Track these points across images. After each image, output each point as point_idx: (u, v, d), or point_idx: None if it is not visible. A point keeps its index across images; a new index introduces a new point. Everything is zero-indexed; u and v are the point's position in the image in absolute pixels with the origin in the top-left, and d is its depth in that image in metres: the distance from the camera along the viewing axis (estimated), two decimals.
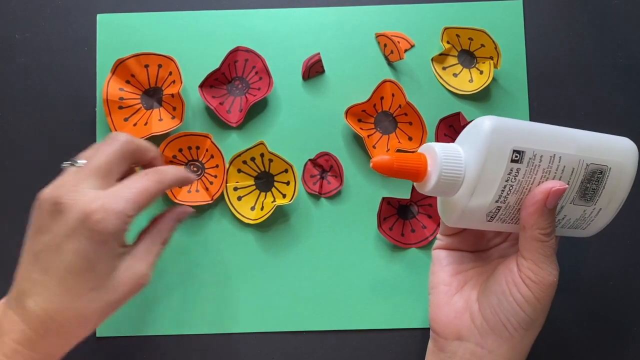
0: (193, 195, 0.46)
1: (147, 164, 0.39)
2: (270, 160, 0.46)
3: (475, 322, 0.35)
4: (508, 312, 0.33)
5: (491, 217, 0.32)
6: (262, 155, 0.46)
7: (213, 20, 0.48)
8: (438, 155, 0.31)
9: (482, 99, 0.47)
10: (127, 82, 0.46)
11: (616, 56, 0.48)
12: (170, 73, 0.46)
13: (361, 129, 0.46)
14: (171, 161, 0.46)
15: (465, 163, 0.31)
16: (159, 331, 0.45)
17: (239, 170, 0.46)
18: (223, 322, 0.45)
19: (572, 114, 0.47)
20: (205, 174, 0.46)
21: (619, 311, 0.46)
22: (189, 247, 0.46)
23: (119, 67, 0.46)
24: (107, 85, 0.46)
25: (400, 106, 0.46)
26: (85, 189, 0.33)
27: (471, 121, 0.33)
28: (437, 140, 0.47)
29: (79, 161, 0.36)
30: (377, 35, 0.48)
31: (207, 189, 0.46)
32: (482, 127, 0.31)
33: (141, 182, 0.35)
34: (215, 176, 0.46)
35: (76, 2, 0.48)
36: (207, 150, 0.46)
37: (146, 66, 0.46)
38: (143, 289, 0.36)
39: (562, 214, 0.33)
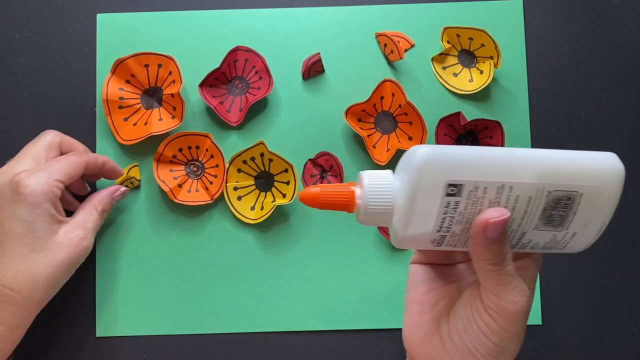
0: (193, 195, 0.46)
1: (98, 171, 0.43)
2: (270, 160, 0.46)
3: (445, 346, 0.32)
4: (474, 340, 0.31)
5: (438, 243, 0.30)
6: (262, 155, 0.46)
7: (213, 20, 0.48)
8: (364, 186, 0.29)
9: (482, 98, 0.47)
10: (127, 81, 0.46)
11: (616, 56, 0.48)
12: (170, 73, 0.46)
13: (361, 128, 0.46)
14: (171, 161, 0.46)
15: (395, 194, 0.29)
16: (159, 331, 0.45)
17: (239, 170, 0.46)
18: (223, 322, 0.45)
19: (572, 113, 0.47)
20: (205, 174, 0.46)
21: (619, 311, 0.46)
22: (189, 247, 0.46)
23: (119, 67, 0.46)
24: (107, 85, 0.46)
25: (400, 106, 0.46)
26: (15, 170, 0.39)
27: (474, 120, 0.32)
28: (437, 139, 0.47)
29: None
30: (377, 35, 0.48)
31: (207, 189, 0.46)
32: (414, 159, 0.28)
33: (67, 156, 0.41)
34: (215, 176, 0.46)
35: (76, 2, 0.48)
36: (207, 150, 0.46)
37: (146, 66, 0.46)
38: (85, 252, 0.40)
39: (526, 238, 0.30)
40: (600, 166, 0.29)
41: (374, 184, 0.29)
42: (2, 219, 0.37)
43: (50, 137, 0.42)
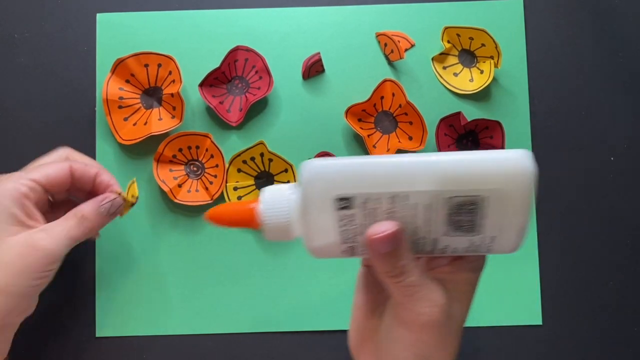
0: (193, 195, 0.45)
1: (91, 184, 0.40)
2: (270, 160, 0.46)
3: (378, 354, 0.31)
4: (397, 349, 0.30)
5: (350, 253, 0.30)
6: (262, 154, 0.46)
7: (213, 19, 0.48)
8: (262, 203, 0.29)
9: (482, 98, 0.47)
10: (127, 81, 0.46)
11: (616, 56, 0.48)
12: (170, 72, 0.46)
13: (361, 128, 0.46)
14: (171, 161, 0.46)
15: (291, 209, 0.29)
16: (159, 331, 0.45)
17: (239, 170, 0.46)
18: (223, 322, 0.45)
19: (572, 113, 0.47)
20: (205, 174, 0.46)
21: (619, 311, 0.46)
22: (189, 247, 0.46)
23: (119, 67, 0.46)
24: (106, 85, 0.45)
25: (400, 106, 0.46)
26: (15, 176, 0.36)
27: (474, 120, 0.32)
28: (437, 139, 0.47)
29: None
30: (378, 35, 0.48)
31: (206, 189, 0.46)
32: (302, 175, 0.28)
33: (52, 161, 0.39)
34: (215, 176, 0.46)
35: (76, 2, 0.48)
36: (207, 150, 0.46)
37: (146, 65, 0.46)
38: (43, 254, 0.35)
39: (441, 244, 0.29)
40: (505, 168, 0.27)
41: (270, 201, 0.29)
42: None
43: (58, 153, 0.40)
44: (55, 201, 0.41)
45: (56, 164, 0.38)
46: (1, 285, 0.34)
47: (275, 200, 0.29)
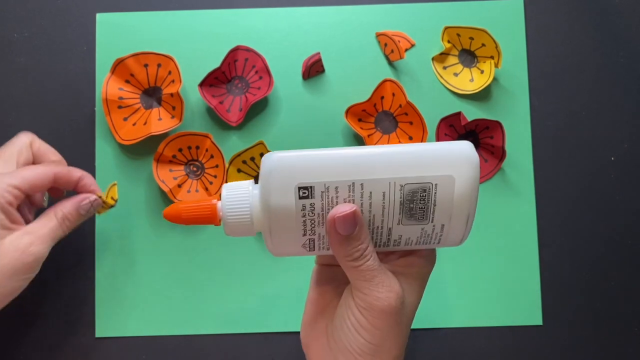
0: (193, 195, 0.45)
1: (73, 187, 0.41)
2: None
3: (330, 346, 0.32)
4: (348, 337, 0.31)
5: (310, 247, 0.31)
6: (262, 155, 0.46)
7: (213, 19, 0.48)
8: (222, 198, 0.30)
9: (482, 98, 0.47)
10: (127, 81, 0.46)
11: (616, 56, 0.48)
12: (170, 72, 0.46)
13: (361, 128, 0.46)
14: (171, 161, 0.46)
15: (252, 203, 0.30)
16: (159, 331, 0.45)
17: (239, 170, 0.46)
18: (223, 322, 0.45)
19: (572, 113, 0.47)
20: (205, 174, 0.46)
21: (619, 311, 0.46)
22: (189, 247, 0.46)
23: (119, 67, 0.45)
24: (106, 85, 0.45)
25: (400, 106, 0.46)
26: None
27: (475, 121, 0.33)
28: (438, 139, 0.47)
29: None
30: (378, 35, 0.47)
31: (206, 189, 0.46)
32: (264, 167, 0.29)
33: (36, 166, 0.39)
34: (215, 176, 0.46)
35: (76, 2, 0.48)
36: (206, 150, 0.46)
37: (145, 65, 0.46)
38: (34, 259, 0.37)
39: (395, 234, 0.30)
40: (452, 156, 0.29)
41: (231, 196, 0.30)
42: None
43: (22, 140, 0.40)
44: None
45: (40, 169, 0.39)
46: None
47: (236, 196, 0.30)
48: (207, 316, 0.45)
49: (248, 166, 0.46)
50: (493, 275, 0.46)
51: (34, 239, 0.37)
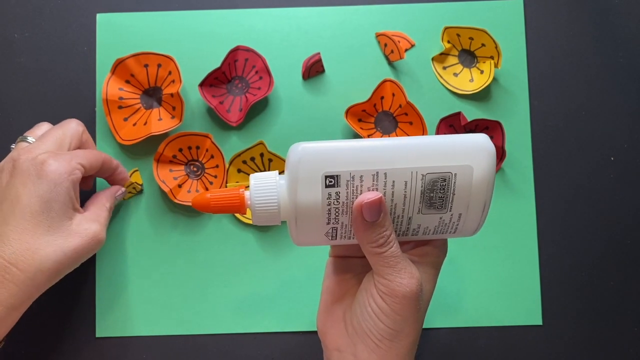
0: (193, 195, 0.45)
1: (110, 174, 0.43)
2: (270, 160, 0.46)
3: (348, 331, 0.34)
4: (368, 323, 0.32)
5: (332, 236, 0.32)
6: (262, 155, 0.46)
7: (213, 19, 0.48)
8: (251, 188, 0.31)
9: (482, 98, 0.47)
10: (127, 81, 0.46)
11: (616, 56, 0.48)
12: (170, 72, 0.46)
13: (361, 128, 0.46)
14: (171, 161, 0.46)
15: (280, 193, 0.31)
16: (159, 331, 0.45)
17: (239, 170, 0.46)
18: (223, 322, 0.45)
19: (572, 113, 0.47)
20: (205, 174, 0.46)
21: (619, 311, 0.46)
22: (189, 247, 0.46)
23: (119, 67, 0.46)
24: (106, 85, 0.45)
25: (400, 106, 0.46)
26: (40, 150, 0.38)
27: (466, 122, 0.33)
28: None
29: (29, 138, 0.40)
30: (378, 35, 0.48)
31: (207, 189, 0.46)
32: (291, 157, 0.30)
33: (89, 150, 0.42)
34: (215, 176, 0.46)
35: (76, 2, 0.48)
36: (207, 150, 0.46)
37: (146, 66, 0.46)
38: (99, 246, 0.39)
39: (414, 223, 0.32)
40: (470, 147, 0.31)
41: (259, 185, 0.31)
42: (22, 194, 0.36)
43: (74, 126, 0.41)
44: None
45: (95, 152, 0.41)
46: (59, 267, 0.37)
47: (264, 185, 0.31)
48: (207, 316, 0.45)
49: (248, 166, 0.46)
50: (493, 275, 0.46)
51: (100, 227, 0.39)
